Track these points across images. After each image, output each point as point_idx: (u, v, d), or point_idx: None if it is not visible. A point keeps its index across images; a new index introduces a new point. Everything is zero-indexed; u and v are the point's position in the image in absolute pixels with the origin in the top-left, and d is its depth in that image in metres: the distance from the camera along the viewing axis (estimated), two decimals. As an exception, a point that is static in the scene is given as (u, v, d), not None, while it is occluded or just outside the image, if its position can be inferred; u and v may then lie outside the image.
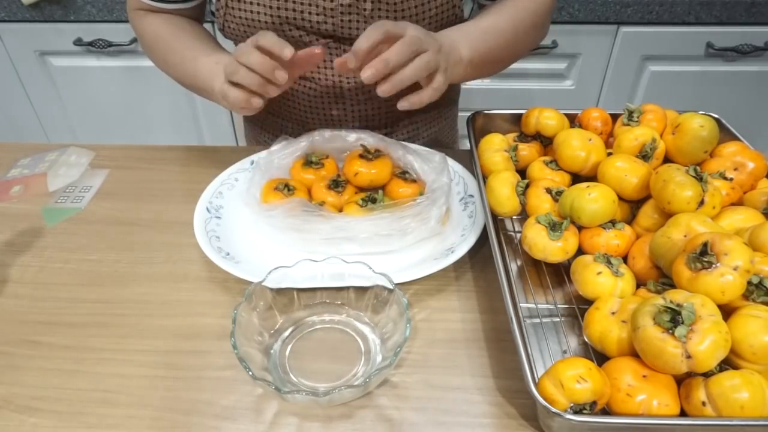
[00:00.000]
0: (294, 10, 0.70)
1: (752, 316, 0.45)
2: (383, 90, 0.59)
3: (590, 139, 0.66)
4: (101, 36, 1.42)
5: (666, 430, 0.44)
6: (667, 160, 0.67)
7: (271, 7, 0.70)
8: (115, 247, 0.69)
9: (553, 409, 0.43)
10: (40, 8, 1.37)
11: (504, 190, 0.64)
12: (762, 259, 0.48)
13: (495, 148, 0.70)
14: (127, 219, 0.74)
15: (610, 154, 0.67)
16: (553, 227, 0.59)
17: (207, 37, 0.78)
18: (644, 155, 0.65)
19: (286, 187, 0.69)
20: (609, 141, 0.74)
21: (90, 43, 1.43)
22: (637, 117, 0.70)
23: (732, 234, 0.48)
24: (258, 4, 0.70)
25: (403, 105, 0.61)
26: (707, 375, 0.44)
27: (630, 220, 0.63)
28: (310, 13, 0.70)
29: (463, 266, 0.66)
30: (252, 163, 0.78)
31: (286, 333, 0.57)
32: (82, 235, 0.71)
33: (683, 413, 0.45)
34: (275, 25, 0.71)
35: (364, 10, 0.70)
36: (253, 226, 0.69)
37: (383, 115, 0.83)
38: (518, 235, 0.67)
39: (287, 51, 0.59)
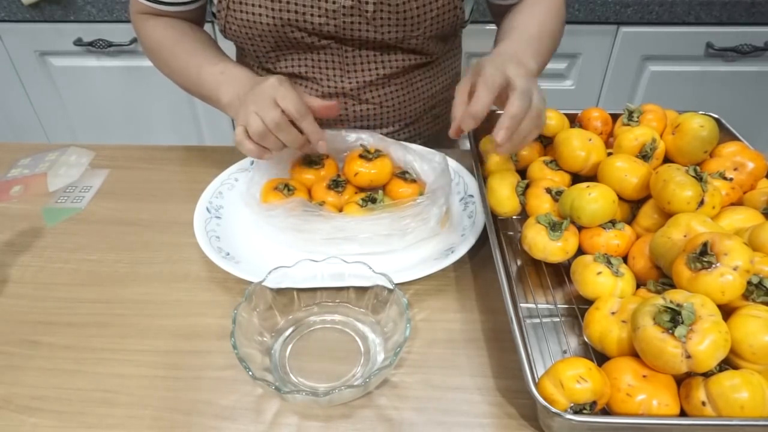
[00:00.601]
0: (296, 12, 0.70)
1: (752, 316, 0.45)
2: (506, 149, 0.60)
3: (590, 139, 0.66)
4: (101, 36, 1.42)
5: (666, 430, 0.44)
6: (667, 160, 0.67)
7: (272, 9, 0.69)
8: (115, 247, 0.69)
9: (553, 409, 0.43)
10: (40, 8, 1.37)
11: (504, 190, 0.64)
12: (762, 259, 0.48)
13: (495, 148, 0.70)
14: (127, 219, 0.74)
15: (610, 154, 0.67)
16: (553, 227, 0.59)
17: (209, 42, 0.78)
18: (644, 155, 0.65)
19: (286, 187, 0.69)
20: (609, 141, 0.74)
21: (90, 43, 1.43)
22: (637, 117, 0.70)
23: (732, 234, 0.48)
24: (259, 6, 0.70)
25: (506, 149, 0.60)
26: (707, 375, 0.44)
27: (630, 220, 0.63)
28: (312, 15, 0.70)
29: (463, 266, 0.66)
30: (252, 163, 0.78)
31: (286, 333, 0.57)
32: (82, 235, 0.71)
33: (683, 413, 0.45)
34: (277, 27, 0.71)
35: (366, 12, 0.70)
36: (253, 226, 0.69)
37: (383, 115, 0.83)
38: (518, 235, 0.67)
39: (322, 145, 0.65)
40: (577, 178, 0.68)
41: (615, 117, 0.74)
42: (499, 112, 0.78)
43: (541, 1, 0.77)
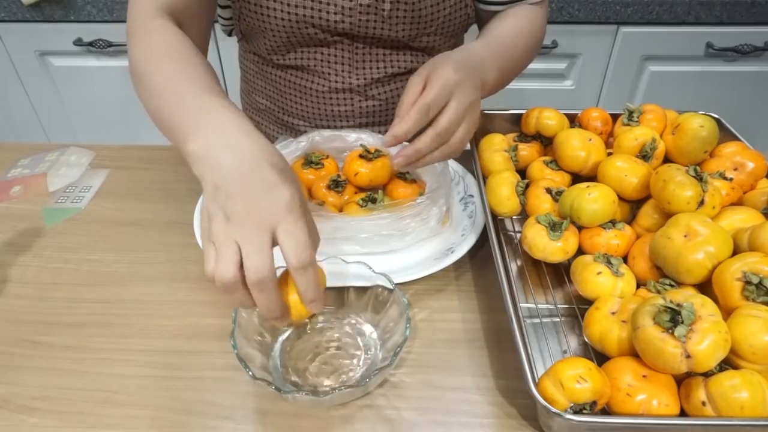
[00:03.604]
0: (312, 9, 0.69)
1: (752, 316, 0.45)
2: (398, 164, 0.57)
3: (590, 139, 0.66)
4: (101, 36, 1.42)
5: (666, 430, 0.44)
6: (667, 160, 0.67)
7: (288, 5, 0.69)
8: (115, 247, 0.69)
9: (553, 409, 0.43)
10: (40, 8, 1.37)
11: (504, 190, 0.64)
12: (762, 259, 0.48)
13: (495, 148, 0.70)
14: (127, 219, 0.74)
15: (610, 154, 0.67)
16: (553, 227, 0.59)
17: (208, 71, 0.57)
18: (644, 155, 0.65)
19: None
20: (609, 141, 0.74)
21: (90, 43, 1.43)
22: (637, 117, 0.70)
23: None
24: (275, 1, 0.70)
25: (398, 163, 0.57)
26: (707, 375, 0.44)
27: (630, 220, 0.63)
28: (328, 12, 0.70)
29: (463, 266, 0.66)
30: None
31: (286, 333, 0.57)
32: (82, 235, 0.71)
33: (683, 413, 0.45)
34: (291, 23, 0.71)
35: (383, 10, 0.70)
36: (253, 226, 0.69)
37: (389, 112, 0.83)
38: (518, 235, 0.67)
39: (314, 306, 0.46)
40: (577, 178, 0.68)
41: (615, 117, 0.74)
42: (490, 111, 0.79)
43: (522, 15, 0.76)
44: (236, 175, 0.43)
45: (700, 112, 0.69)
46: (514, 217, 0.69)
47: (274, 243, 0.43)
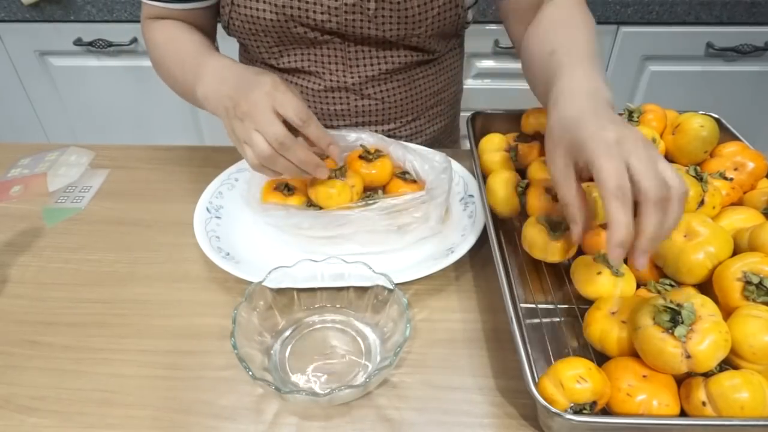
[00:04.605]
0: (299, 8, 0.70)
1: (752, 316, 0.45)
2: (642, 264, 0.44)
3: (590, 139, 0.66)
4: (101, 36, 1.42)
5: (666, 430, 0.44)
6: (667, 159, 0.67)
7: (275, 5, 0.70)
8: (115, 247, 0.69)
9: (553, 409, 0.43)
10: (40, 8, 1.37)
11: (504, 190, 0.64)
12: (762, 259, 0.48)
13: (495, 148, 0.70)
14: (127, 219, 0.74)
15: (610, 154, 0.67)
16: (553, 227, 0.59)
17: (202, 41, 0.73)
18: (644, 155, 0.64)
19: (285, 187, 0.69)
20: (609, 141, 0.74)
21: (90, 43, 1.43)
22: (637, 117, 0.70)
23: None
24: (263, 2, 0.70)
25: (643, 263, 0.45)
26: (707, 375, 0.44)
27: (630, 220, 0.63)
28: (314, 11, 0.70)
29: (463, 266, 0.66)
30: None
31: (286, 333, 0.57)
32: (82, 235, 0.71)
33: (683, 413, 0.45)
34: (280, 22, 0.71)
35: (368, 9, 0.70)
36: (253, 226, 0.69)
37: (385, 111, 0.83)
38: (518, 235, 0.67)
39: (333, 149, 0.61)
40: (577, 178, 0.68)
41: (615, 117, 0.73)
42: (490, 111, 0.79)
43: (572, 13, 0.69)
44: (232, 92, 0.59)
45: (700, 112, 0.69)
46: (514, 217, 0.69)
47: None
